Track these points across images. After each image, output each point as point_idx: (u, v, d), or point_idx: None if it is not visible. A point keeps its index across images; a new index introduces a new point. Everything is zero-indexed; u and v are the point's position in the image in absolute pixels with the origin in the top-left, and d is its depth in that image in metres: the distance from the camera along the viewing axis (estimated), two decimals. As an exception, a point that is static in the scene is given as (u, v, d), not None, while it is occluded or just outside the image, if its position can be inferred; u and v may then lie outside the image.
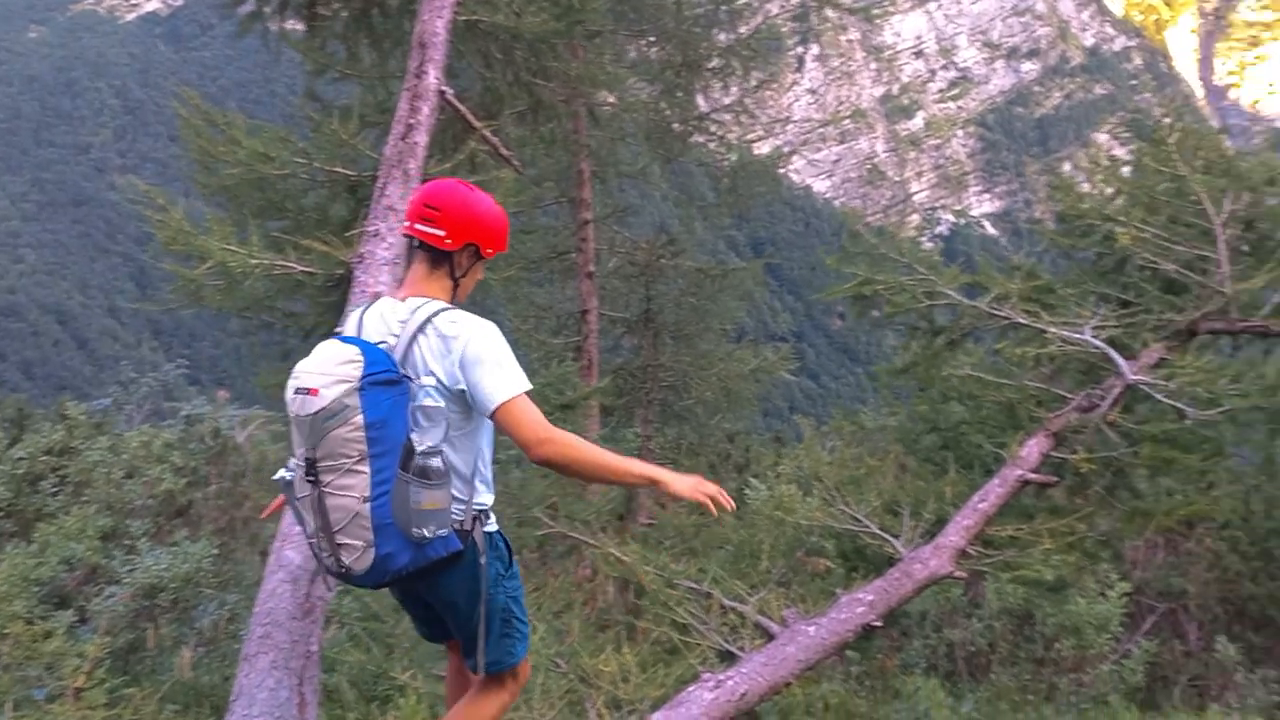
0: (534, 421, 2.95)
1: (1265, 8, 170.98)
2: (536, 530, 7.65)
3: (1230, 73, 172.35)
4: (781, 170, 21.11)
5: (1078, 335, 6.31)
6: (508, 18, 6.63)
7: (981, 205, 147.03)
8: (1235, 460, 7.76)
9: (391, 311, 3.12)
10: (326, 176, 6.32)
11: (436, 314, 3.04)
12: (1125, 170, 8.30)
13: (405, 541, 2.89)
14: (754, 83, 16.27)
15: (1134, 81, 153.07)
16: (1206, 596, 10.54)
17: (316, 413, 2.87)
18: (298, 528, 4.44)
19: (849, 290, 7.25)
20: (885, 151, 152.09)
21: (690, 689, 4.41)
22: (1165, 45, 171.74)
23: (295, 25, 8.01)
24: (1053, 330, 6.40)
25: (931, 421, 7.14)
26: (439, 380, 2.99)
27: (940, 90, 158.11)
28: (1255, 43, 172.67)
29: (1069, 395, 6.29)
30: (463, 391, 2.99)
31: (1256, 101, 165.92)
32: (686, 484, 2.99)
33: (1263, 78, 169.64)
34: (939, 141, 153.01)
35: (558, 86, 8.44)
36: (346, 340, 3.03)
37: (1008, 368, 6.57)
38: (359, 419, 2.85)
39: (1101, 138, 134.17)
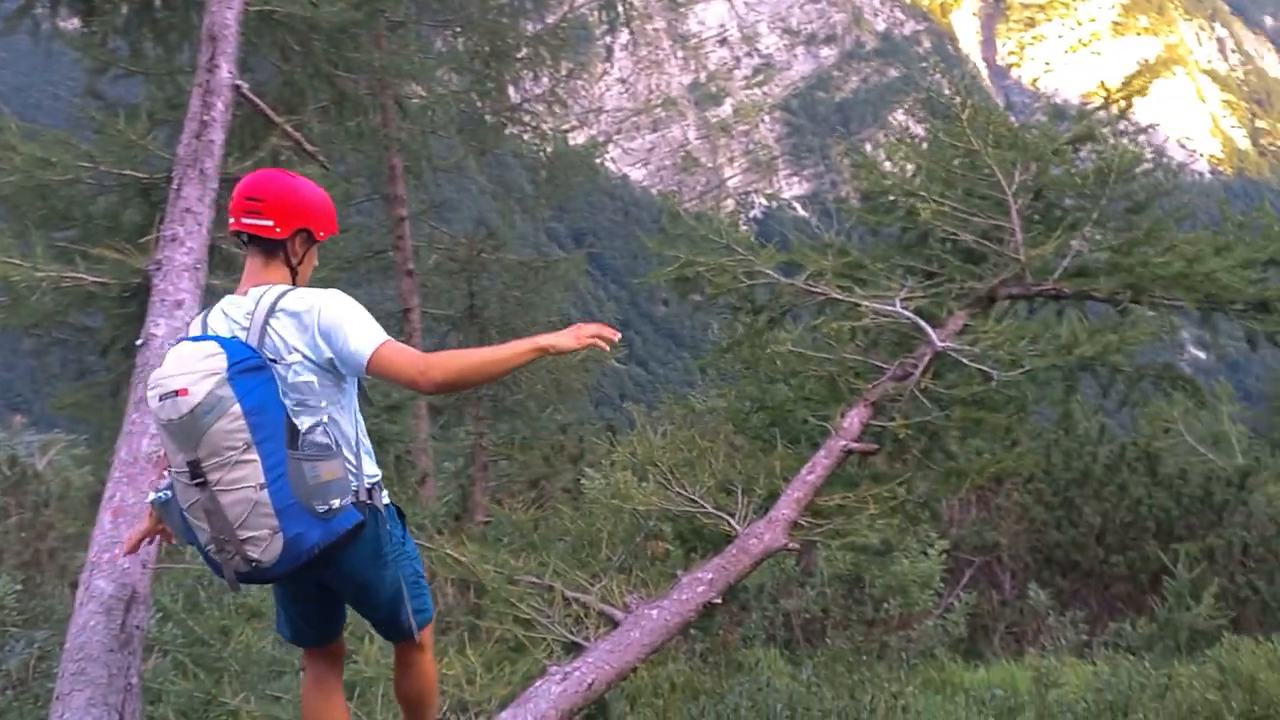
0: (409, 356, 2.97)
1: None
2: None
3: (1011, 53, 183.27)
4: (598, 160, 21.16)
5: (889, 307, 6.54)
6: (303, 7, 6.38)
7: (791, 188, 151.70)
8: (1035, 418, 8.23)
9: (234, 306, 3.09)
10: (116, 180, 5.95)
11: (281, 296, 3.04)
12: (923, 147, 8.66)
13: (312, 519, 2.88)
14: (564, 72, 16.27)
15: (924, 64, 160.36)
16: (1017, 547, 11.24)
17: (192, 410, 2.79)
18: (108, 554, 4.19)
19: (671, 273, 7.31)
20: (697, 138, 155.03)
21: (537, 684, 4.35)
22: (951, 28, 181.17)
23: (71, 21, 7.49)
24: (865, 304, 6.62)
25: (758, 400, 7.28)
26: (304, 355, 2.99)
27: (746, 77, 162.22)
28: (1032, 24, 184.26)
29: (884, 365, 6.52)
30: (331, 360, 3.00)
31: (1036, 79, 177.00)
32: (567, 338, 3.02)
33: (1040, 57, 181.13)
34: (747, 127, 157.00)
35: (362, 79, 8.20)
36: (198, 339, 2.97)
37: (826, 342, 6.76)
38: (237, 408, 2.82)
39: (899, 118, 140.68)
